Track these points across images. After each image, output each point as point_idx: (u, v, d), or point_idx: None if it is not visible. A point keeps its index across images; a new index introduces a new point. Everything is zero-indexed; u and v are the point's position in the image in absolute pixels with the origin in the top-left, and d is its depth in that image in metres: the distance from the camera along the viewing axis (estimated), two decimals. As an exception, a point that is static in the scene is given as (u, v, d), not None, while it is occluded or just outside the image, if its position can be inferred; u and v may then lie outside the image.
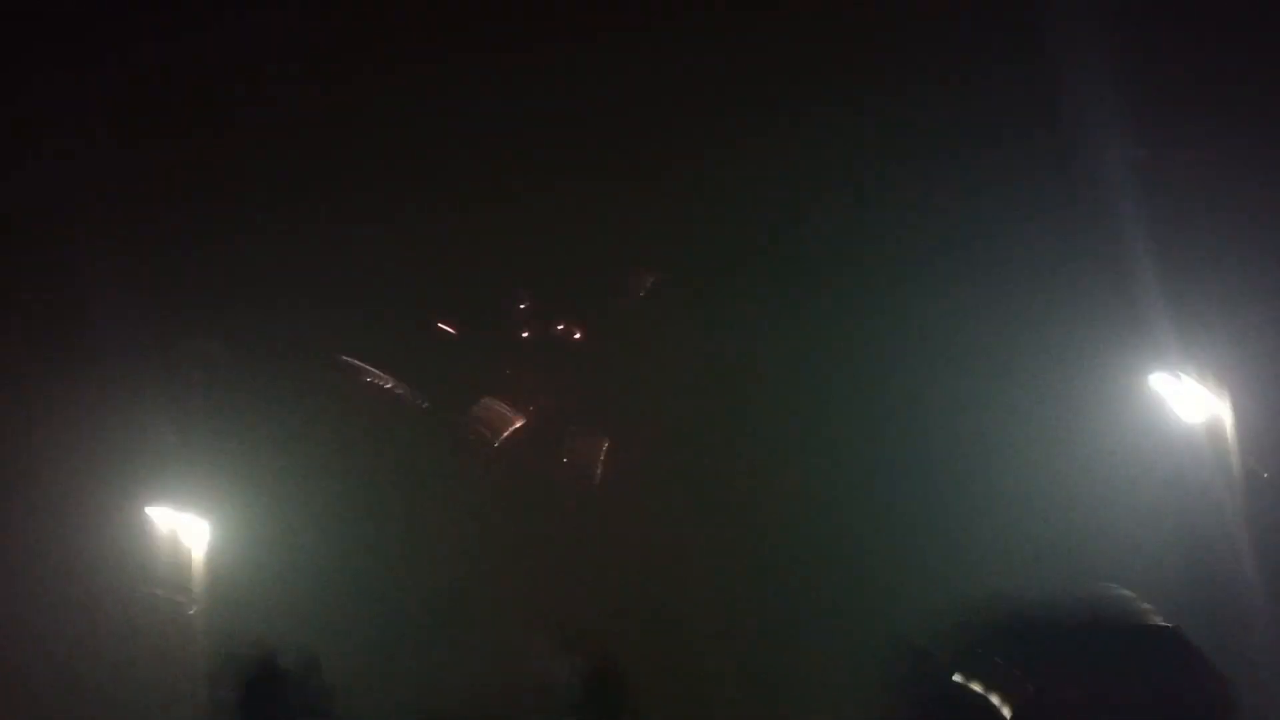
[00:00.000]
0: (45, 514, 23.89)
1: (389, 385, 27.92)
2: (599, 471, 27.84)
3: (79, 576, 23.27)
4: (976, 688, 11.88)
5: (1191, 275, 22.05)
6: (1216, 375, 18.77)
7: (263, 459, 25.17)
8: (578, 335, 29.73)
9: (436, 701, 18.18)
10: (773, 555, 25.81)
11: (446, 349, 28.36)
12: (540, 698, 17.02)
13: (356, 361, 27.97)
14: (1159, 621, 11.73)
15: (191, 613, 21.18)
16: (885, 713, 13.42)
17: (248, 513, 23.98)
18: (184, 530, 22.60)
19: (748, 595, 24.14)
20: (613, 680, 15.78)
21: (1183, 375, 19.50)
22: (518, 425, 28.39)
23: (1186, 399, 19.41)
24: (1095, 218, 24.12)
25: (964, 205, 26.99)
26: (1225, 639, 15.10)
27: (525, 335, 29.57)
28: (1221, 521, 18.02)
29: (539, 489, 27.27)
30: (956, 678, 12.31)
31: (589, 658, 16.19)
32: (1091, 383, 24.40)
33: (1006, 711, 11.34)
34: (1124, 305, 23.22)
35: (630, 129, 29.81)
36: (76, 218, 26.03)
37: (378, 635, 22.83)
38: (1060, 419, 25.00)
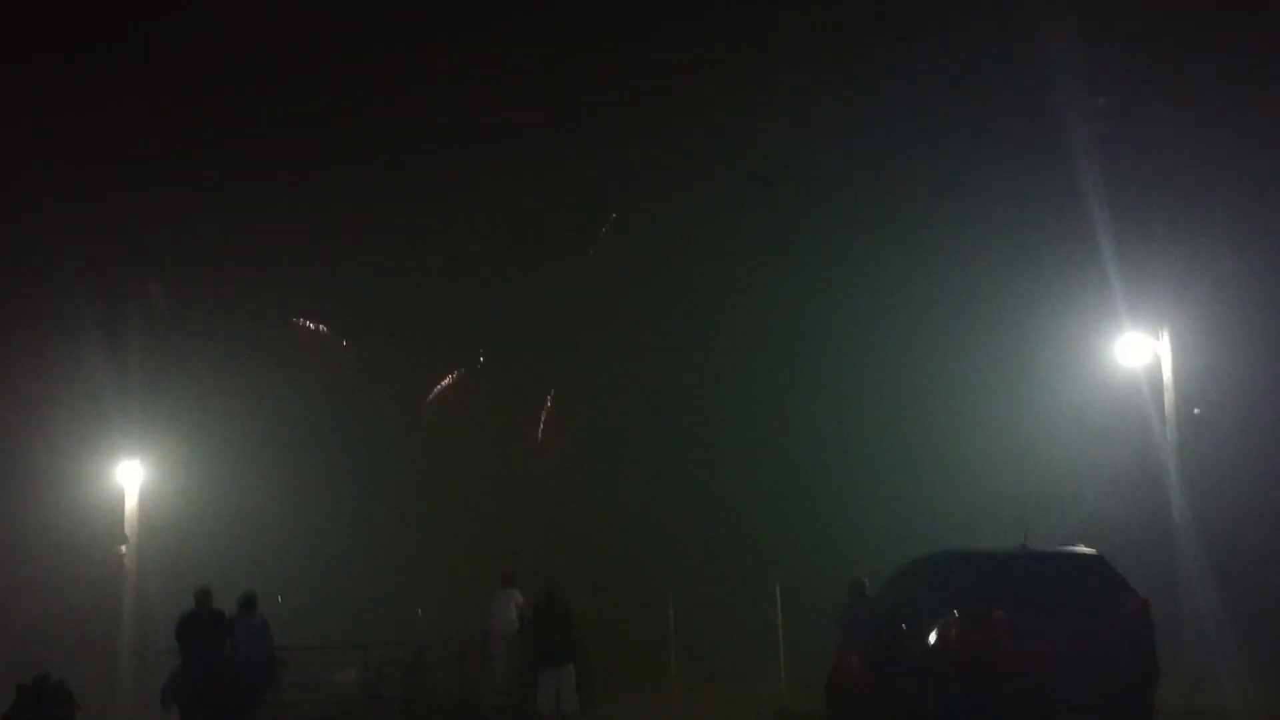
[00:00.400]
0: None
1: (333, 341, 27.93)
2: (542, 426, 27.97)
3: (18, 522, 23.28)
4: (904, 618, 12.17)
5: (1138, 226, 22.40)
6: (1158, 324, 19.16)
7: (202, 405, 25.16)
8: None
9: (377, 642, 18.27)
10: (733, 506, 26.08)
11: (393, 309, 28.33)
12: (493, 641, 17.21)
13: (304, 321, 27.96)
14: (1082, 549, 12.00)
15: (123, 552, 21.12)
16: (832, 651, 13.72)
17: (188, 458, 24.01)
18: (121, 475, 22.54)
19: (696, 546, 24.44)
20: (561, 623, 16.00)
21: (1128, 326, 19.89)
22: (454, 379, 28.46)
23: (1131, 348, 19.78)
24: (1052, 166, 24.38)
25: (925, 159, 27.13)
26: (1154, 566, 15.55)
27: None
28: (1158, 456, 18.51)
29: (481, 442, 27.36)
30: (886, 611, 12.61)
31: (540, 602, 16.38)
32: (1045, 337, 24.74)
33: (931, 639, 11.61)
34: (1075, 258, 23.55)
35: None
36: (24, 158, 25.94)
37: (321, 578, 22.98)
38: (1013, 373, 25.35)
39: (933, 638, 11.59)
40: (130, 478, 22.51)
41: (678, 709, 18.09)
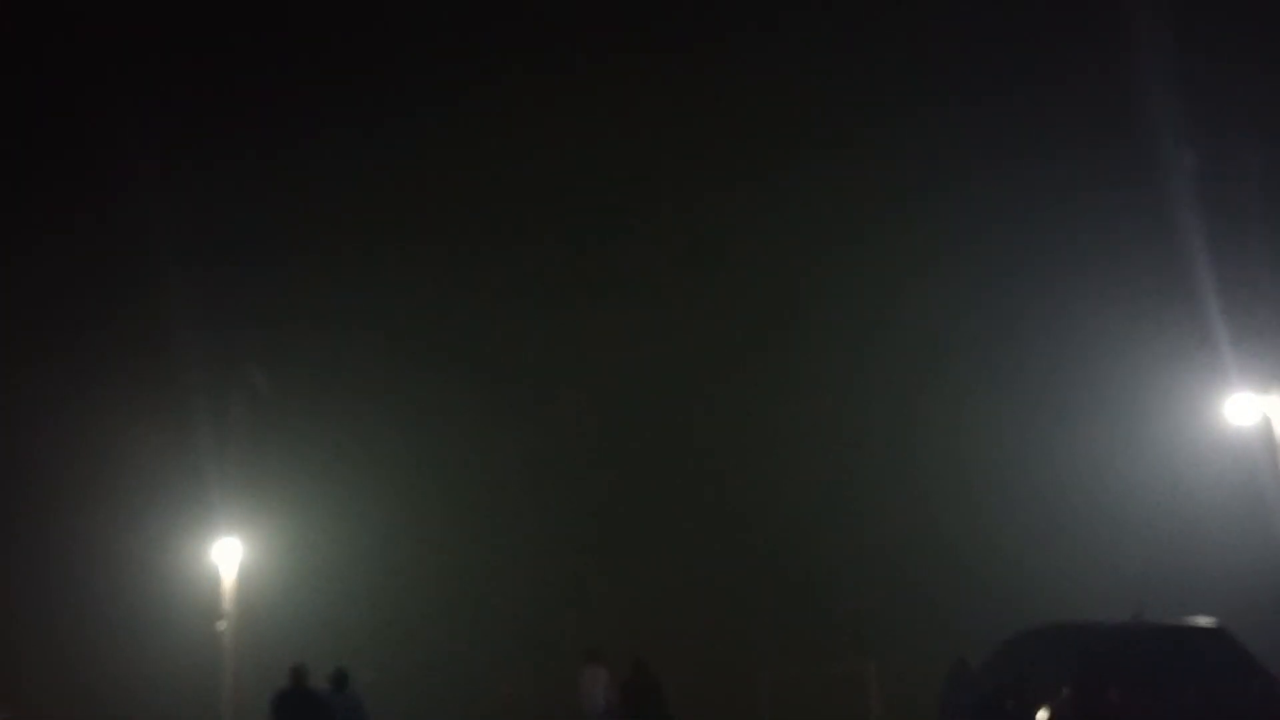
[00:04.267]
0: (86, 534, 24.65)
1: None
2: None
3: (120, 598, 23.90)
4: (1011, 695, 11.60)
5: (1243, 286, 21.64)
6: (1267, 383, 18.34)
7: (299, 485, 25.65)
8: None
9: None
10: (825, 583, 25.50)
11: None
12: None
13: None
14: (1204, 621, 11.33)
15: (221, 628, 21.45)
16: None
17: (285, 537, 24.44)
18: (220, 552, 22.98)
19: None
20: (650, 698, 15.64)
21: (1237, 385, 19.09)
22: None
23: (1240, 406, 18.93)
24: (1155, 225, 23.82)
25: (1031, 216, 26.78)
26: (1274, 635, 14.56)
27: None
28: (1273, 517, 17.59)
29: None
30: (991, 688, 12.04)
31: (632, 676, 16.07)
32: (1151, 399, 23.92)
33: (1042, 715, 11.04)
34: (1180, 319, 22.81)
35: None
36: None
37: (413, 655, 22.97)
38: (1120, 435, 24.51)
39: (1042, 717, 11.02)
40: (228, 555, 22.92)
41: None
